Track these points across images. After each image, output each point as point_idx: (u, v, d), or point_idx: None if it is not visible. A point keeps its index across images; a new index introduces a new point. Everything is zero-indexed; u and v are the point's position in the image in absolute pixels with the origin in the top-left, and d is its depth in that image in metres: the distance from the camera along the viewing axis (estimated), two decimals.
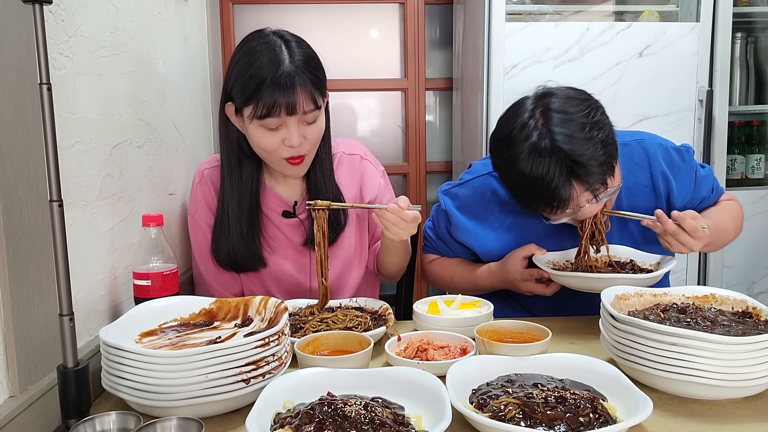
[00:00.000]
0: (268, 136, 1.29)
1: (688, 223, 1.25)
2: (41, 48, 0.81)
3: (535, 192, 1.24)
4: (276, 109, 1.25)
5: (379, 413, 0.83)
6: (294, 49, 1.29)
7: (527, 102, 1.29)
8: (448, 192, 1.54)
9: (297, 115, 1.27)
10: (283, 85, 1.24)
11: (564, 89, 1.29)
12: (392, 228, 1.27)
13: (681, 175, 1.44)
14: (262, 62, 1.26)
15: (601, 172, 1.21)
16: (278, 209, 1.44)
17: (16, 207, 0.87)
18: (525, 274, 1.40)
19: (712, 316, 1.05)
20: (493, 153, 1.34)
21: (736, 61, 2.48)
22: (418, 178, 3.02)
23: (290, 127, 1.28)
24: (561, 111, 1.23)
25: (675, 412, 0.93)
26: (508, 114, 1.32)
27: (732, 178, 2.53)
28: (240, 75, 1.28)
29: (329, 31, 2.93)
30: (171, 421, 0.82)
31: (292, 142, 1.29)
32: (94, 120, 1.14)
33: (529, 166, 1.21)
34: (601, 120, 1.25)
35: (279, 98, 1.24)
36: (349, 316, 1.26)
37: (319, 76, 1.31)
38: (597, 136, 1.21)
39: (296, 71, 1.26)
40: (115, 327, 1.00)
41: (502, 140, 1.28)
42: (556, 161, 1.20)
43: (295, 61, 1.27)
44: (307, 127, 1.31)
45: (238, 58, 1.30)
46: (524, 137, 1.23)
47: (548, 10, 2.41)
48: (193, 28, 1.87)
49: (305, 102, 1.27)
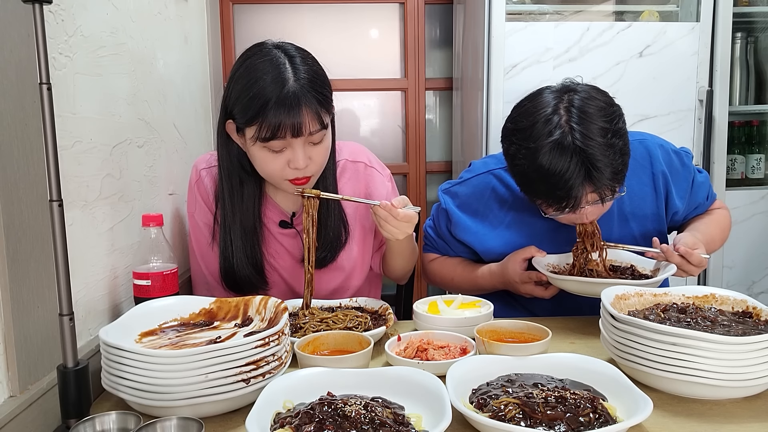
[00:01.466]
0: (272, 159, 1.24)
1: (695, 258, 1.28)
2: (41, 48, 0.81)
3: (549, 187, 1.24)
4: (281, 131, 1.19)
5: (379, 413, 0.83)
6: (298, 65, 1.22)
7: (549, 95, 1.28)
8: (448, 191, 1.54)
9: (303, 137, 1.22)
10: (288, 106, 1.18)
11: (587, 88, 1.29)
12: (385, 225, 1.26)
13: (680, 178, 1.45)
14: (266, 81, 1.19)
15: (614, 179, 1.23)
16: (276, 219, 1.41)
17: (16, 207, 0.87)
18: (524, 277, 1.40)
19: (712, 316, 1.05)
20: (508, 141, 1.32)
21: (736, 61, 2.48)
22: (418, 178, 3.03)
23: (296, 148, 1.23)
24: (586, 112, 1.23)
25: (675, 412, 0.93)
26: (530, 104, 1.30)
27: (732, 178, 2.53)
28: (242, 94, 1.22)
29: (329, 31, 2.93)
30: (171, 421, 0.82)
31: (298, 164, 1.23)
32: (94, 120, 1.14)
33: (549, 161, 1.21)
34: (622, 128, 1.26)
35: (284, 120, 1.18)
36: (349, 316, 1.26)
37: (325, 93, 1.24)
38: (617, 144, 1.22)
39: (301, 90, 1.19)
40: (115, 327, 1.00)
41: (524, 131, 1.26)
42: (576, 161, 1.20)
43: (300, 80, 1.20)
44: (313, 148, 1.25)
45: (239, 75, 1.24)
46: (548, 132, 1.22)
47: (548, 10, 2.41)
48: (193, 28, 1.87)
49: (311, 123, 1.21)
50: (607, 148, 1.21)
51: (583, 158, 1.20)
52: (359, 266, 1.47)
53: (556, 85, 1.31)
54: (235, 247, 1.36)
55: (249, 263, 1.37)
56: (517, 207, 1.46)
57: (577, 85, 1.30)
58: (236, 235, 1.36)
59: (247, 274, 1.37)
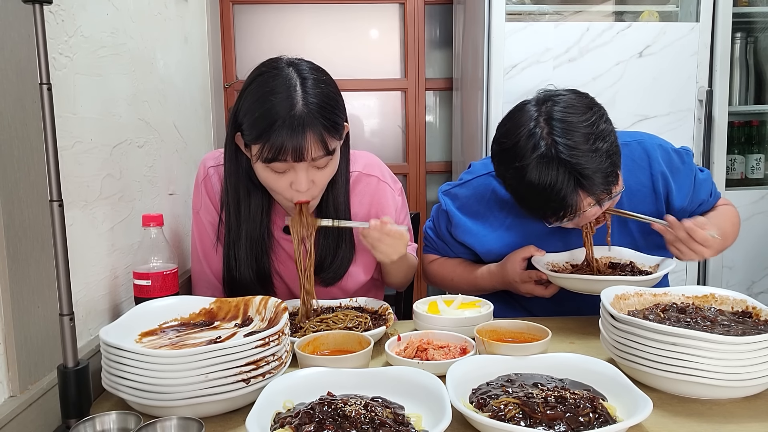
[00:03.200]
0: (275, 179, 1.23)
1: (699, 234, 1.25)
2: (41, 48, 0.81)
3: (543, 200, 1.24)
4: (282, 154, 1.17)
5: (379, 413, 0.83)
6: (309, 89, 1.20)
7: (530, 108, 1.27)
8: (449, 192, 1.54)
9: (306, 162, 1.20)
10: (293, 130, 1.16)
11: (565, 94, 1.28)
12: (378, 246, 1.25)
13: (680, 176, 1.44)
14: (274, 102, 1.18)
15: (605, 182, 1.22)
16: (280, 224, 1.40)
17: (17, 207, 0.87)
18: (524, 276, 1.40)
19: (712, 315, 1.05)
20: (497, 161, 1.33)
21: (736, 61, 2.48)
22: (418, 179, 3.03)
23: (298, 172, 1.21)
24: (564, 120, 1.21)
25: (675, 412, 0.93)
26: (510, 122, 1.29)
27: (732, 178, 2.53)
28: (250, 110, 1.21)
29: (329, 31, 2.93)
30: (171, 420, 0.82)
31: (300, 187, 1.21)
32: (94, 120, 1.14)
33: (537, 176, 1.21)
34: (605, 128, 1.24)
35: (287, 143, 1.16)
36: (349, 316, 1.26)
37: (334, 119, 1.22)
38: (602, 147, 1.21)
39: (308, 115, 1.17)
40: (115, 327, 1.00)
41: (508, 150, 1.26)
42: (564, 172, 1.19)
43: (309, 104, 1.18)
44: (317, 172, 1.24)
45: (250, 91, 1.23)
46: (531, 147, 1.21)
47: (548, 10, 2.42)
48: (193, 28, 1.87)
49: (314, 148, 1.19)
50: (592, 153, 1.19)
51: (570, 169, 1.19)
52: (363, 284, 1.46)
53: (534, 97, 1.30)
54: (239, 261, 1.35)
55: (254, 275, 1.37)
56: (518, 209, 1.45)
57: (554, 94, 1.28)
58: (241, 248, 1.35)
59: (251, 284, 1.37)
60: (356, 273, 1.43)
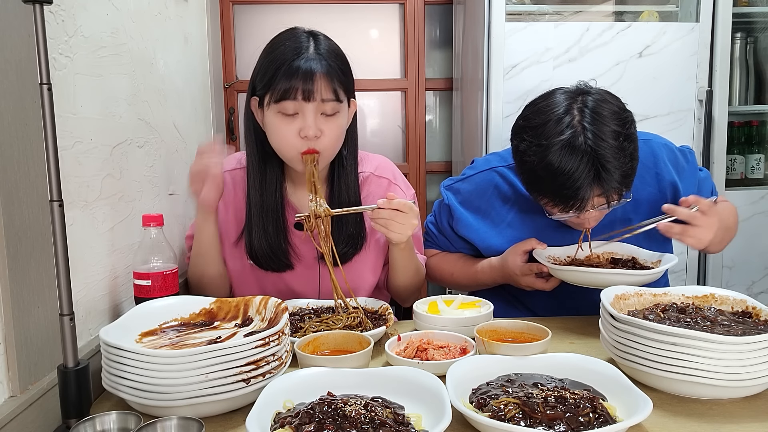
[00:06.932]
0: (284, 125, 1.26)
1: (702, 203, 1.27)
2: (41, 48, 0.81)
3: (557, 186, 1.24)
4: (292, 92, 1.22)
5: (379, 413, 0.83)
6: (321, 41, 1.29)
7: (563, 95, 1.28)
8: (451, 187, 1.54)
9: (314, 103, 1.24)
10: (303, 70, 1.23)
11: (600, 91, 1.30)
12: (392, 225, 1.25)
13: (686, 175, 1.45)
14: (285, 48, 1.25)
15: (622, 182, 1.23)
16: (292, 220, 1.40)
17: (17, 207, 0.87)
18: (525, 269, 1.40)
19: (712, 315, 1.05)
20: (519, 138, 1.32)
21: (736, 61, 2.48)
22: (418, 178, 3.03)
23: (307, 114, 1.24)
24: (598, 113, 1.23)
25: (675, 412, 0.93)
26: (543, 102, 1.30)
27: (732, 178, 2.53)
28: (262, 63, 1.29)
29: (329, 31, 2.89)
30: (171, 420, 0.82)
31: (308, 132, 1.24)
32: (94, 120, 1.14)
33: (559, 159, 1.21)
34: (633, 134, 1.27)
35: (296, 81, 1.22)
36: (352, 316, 1.26)
37: (343, 68, 1.29)
38: (627, 148, 1.23)
39: (318, 58, 1.25)
40: (115, 327, 1.00)
41: (536, 128, 1.27)
42: (586, 162, 1.20)
43: (319, 50, 1.26)
44: (326, 120, 1.27)
45: (263, 51, 1.31)
46: (560, 131, 1.23)
47: (548, 10, 2.41)
48: (193, 28, 1.87)
49: (324, 89, 1.24)
50: (618, 150, 1.21)
51: (594, 159, 1.20)
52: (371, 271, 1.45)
53: (571, 87, 1.32)
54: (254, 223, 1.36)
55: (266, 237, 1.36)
56: (520, 205, 1.46)
57: (591, 88, 1.31)
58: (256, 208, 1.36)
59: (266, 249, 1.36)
60: (364, 271, 1.43)
